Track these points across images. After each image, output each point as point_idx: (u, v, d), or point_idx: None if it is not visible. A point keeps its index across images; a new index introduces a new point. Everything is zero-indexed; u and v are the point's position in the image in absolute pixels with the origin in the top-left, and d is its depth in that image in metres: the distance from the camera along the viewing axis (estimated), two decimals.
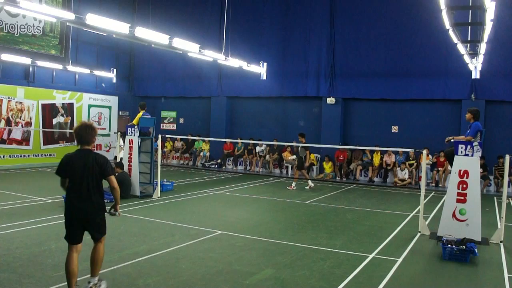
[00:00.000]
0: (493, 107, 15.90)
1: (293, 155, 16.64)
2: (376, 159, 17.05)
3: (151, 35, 11.22)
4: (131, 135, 11.68)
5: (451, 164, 8.24)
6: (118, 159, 12.71)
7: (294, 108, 19.64)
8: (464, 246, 6.85)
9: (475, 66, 13.31)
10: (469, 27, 11.32)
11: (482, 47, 11.51)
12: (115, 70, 21.63)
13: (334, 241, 7.79)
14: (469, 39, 11.64)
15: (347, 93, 18.07)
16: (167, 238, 7.55)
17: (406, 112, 17.51)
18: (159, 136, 12.10)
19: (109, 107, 21.74)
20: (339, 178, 17.38)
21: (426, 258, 7.02)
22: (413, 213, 10.59)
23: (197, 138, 20.21)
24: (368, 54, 17.53)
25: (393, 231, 8.72)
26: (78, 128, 4.93)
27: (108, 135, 21.14)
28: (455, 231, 7.66)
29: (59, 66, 18.33)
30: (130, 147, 11.66)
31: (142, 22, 13.59)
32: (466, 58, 12.81)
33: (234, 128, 20.83)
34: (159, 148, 12.15)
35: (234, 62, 15.55)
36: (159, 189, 11.75)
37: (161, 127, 22.17)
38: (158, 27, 12.33)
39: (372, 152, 17.19)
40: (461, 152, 7.99)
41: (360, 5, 17.72)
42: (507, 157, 8.04)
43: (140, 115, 11.84)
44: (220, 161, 19.88)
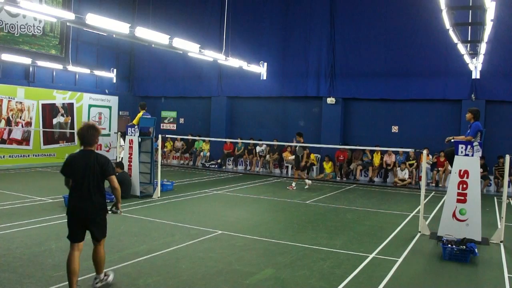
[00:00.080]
0: (493, 107, 15.90)
1: (293, 155, 16.62)
2: (376, 159, 17.05)
3: (151, 35, 11.22)
4: (131, 135, 11.69)
5: (451, 164, 8.24)
6: (119, 159, 12.71)
7: (294, 108, 19.64)
8: (464, 246, 6.85)
9: (475, 66, 13.31)
10: (469, 27, 11.33)
11: (482, 47, 11.51)
12: (115, 70, 21.64)
13: (334, 241, 7.79)
14: (469, 39, 11.64)
15: (347, 93, 18.08)
16: (167, 238, 7.56)
17: (406, 112, 17.51)
18: (159, 136, 12.10)
19: (109, 107, 21.74)
20: (339, 178, 17.38)
21: (426, 258, 7.02)
22: (413, 213, 10.59)
23: (197, 138, 20.21)
24: (368, 54, 17.53)
25: (393, 231, 8.72)
26: (81, 129, 4.99)
27: (108, 135, 21.14)
28: (455, 231, 7.66)
29: (59, 66, 18.33)
30: (130, 147, 11.67)
31: (142, 22, 13.60)
32: (466, 58, 12.81)
33: (234, 128, 20.83)
34: (159, 148, 12.15)
35: (234, 62, 15.55)
36: (159, 189, 11.75)
37: (161, 127, 22.17)
38: (158, 27, 12.33)
39: (372, 152, 17.19)
40: (461, 152, 7.99)
41: (360, 5, 17.72)
42: (507, 157, 8.04)
43: (140, 115, 11.85)
44: (220, 161, 19.88)
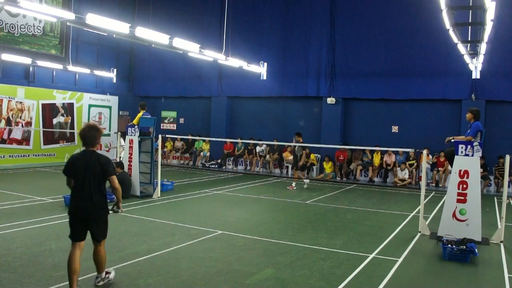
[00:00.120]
0: (493, 107, 15.90)
1: (293, 155, 16.61)
2: (376, 159, 17.05)
3: (151, 35, 11.22)
4: (132, 135, 11.69)
5: (451, 164, 8.24)
6: (119, 159, 12.71)
7: (294, 108, 19.64)
8: (464, 246, 6.85)
9: (475, 66, 13.31)
10: (469, 27, 11.32)
11: (483, 47, 11.51)
12: (115, 70, 21.63)
13: (334, 241, 7.79)
14: (469, 39, 11.63)
15: (347, 93, 18.08)
16: (167, 238, 7.56)
17: (406, 112, 17.51)
18: (159, 136, 12.10)
19: (109, 107, 21.74)
20: (339, 178, 17.38)
21: (426, 258, 7.02)
22: (413, 213, 10.59)
23: (197, 138, 20.21)
24: (368, 54, 17.53)
25: (393, 231, 8.72)
26: (83, 130, 5.04)
27: (108, 135, 21.14)
28: (455, 231, 7.65)
29: (59, 66, 18.33)
30: (131, 147, 11.67)
31: (142, 22, 13.59)
32: (467, 58, 12.81)
33: (234, 128, 20.83)
34: (159, 148, 12.15)
35: (234, 62, 15.55)
36: (159, 189, 11.74)
37: (161, 127, 22.17)
38: (158, 27, 12.32)
39: (372, 152, 17.19)
40: (461, 152, 7.99)
41: (360, 5, 17.72)
42: (507, 157, 8.04)
43: (141, 115, 11.85)
44: (220, 161, 19.88)
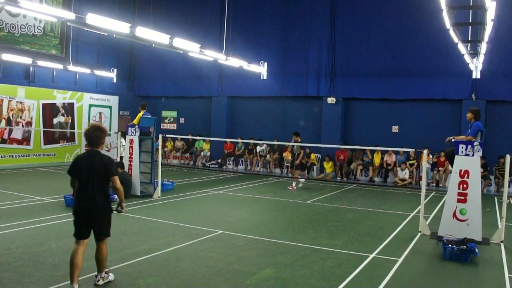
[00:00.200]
0: (494, 107, 15.89)
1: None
2: (377, 159, 17.05)
3: (152, 35, 11.21)
4: (132, 135, 11.69)
5: (452, 164, 8.24)
6: (119, 159, 12.71)
7: (295, 108, 19.64)
8: (465, 246, 6.85)
9: (476, 66, 13.30)
10: (470, 27, 11.32)
11: (483, 47, 11.50)
12: (116, 70, 21.62)
13: (335, 241, 7.79)
14: (470, 39, 11.63)
15: (348, 93, 18.08)
16: (168, 238, 7.56)
17: (407, 112, 17.51)
18: (160, 136, 12.11)
19: (110, 107, 21.75)
20: (340, 178, 17.38)
21: (427, 258, 7.02)
22: (414, 213, 10.58)
23: (198, 138, 20.22)
24: (369, 54, 17.52)
25: (394, 231, 8.71)
26: (87, 130, 5.13)
27: (109, 135, 21.15)
28: (456, 231, 7.65)
29: (60, 66, 18.33)
30: (131, 147, 11.67)
31: (143, 22, 13.59)
32: (467, 58, 12.80)
33: (235, 128, 20.83)
34: (160, 148, 12.16)
35: (235, 62, 15.54)
36: (160, 189, 11.75)
37: (162, 127, 22.18)
38: (159, 27, 12.32)
39: (373, 152, 17.18)
40: (462, 152, 7.98)
41: (361, 5, 17.72)
42: (508, 157, 8.03)
43: (141, 115, 11.85)
44: (221, 161, 19.88)
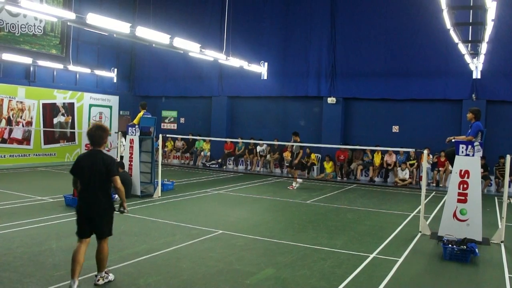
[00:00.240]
0: (494, 107, 15.89)
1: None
2: (377, 159, 17.04)
3: (152, 35, 11.21)
4: (132, 135, 11.69)
5: (452, 164, 8.23)
6: (120, 159, 12.72)
7: (295, 108, 19.64)
8: (465, 246, 6.84)
9: (476, 66, 13.29)
10: (470, 27, 11.31)
11: (483, 47, 11.49)
12: (116, 70, 21.61)
13: (335, 241, 7.79)
14: (470, 39, 11.62)
15: (348, 93, 18.08)
16: (168, 238, 7.56)
17: (407, 112, 17.51)
18: (160, 136, 12.11)
19: (110, 107, 21.75)
20: (340, 178, 17.38)
21: (427, 258, 7.01)
22: (414, 213, 10.58)
23: (198, 138, 20.22)
24: (369, 54, 17.52)
25: (394, 231, 8.71)
26: (90, 130, 5.17)
27: (109, 135, 21.14)
28: (456, 231, 7.65)
29: (60, 66, 18.32)
30: (131, 147, 11.67)
31: (143, 22, 13.58)
32: (467, 58, 12.79)
33: (235, 128, 20.83)
34: (160, 148, 12.16)
35: (235, 62, 15.54)
36: (160, 189, 11.75)
37: (162, 127, 22.18)
38: (159, 27, 12.32)
39: (373, 152, 17.18)
40: (462, 152, 7.98)
41: (361, 5, 17.72)
42: (508, 157, 8.03)
43: (141, 115, 11.85)
44: (221, 161, 19.88)
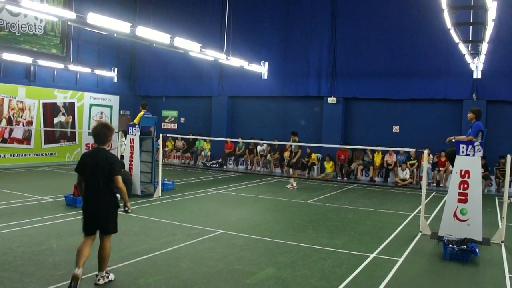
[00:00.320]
0: (495, 107, 15.88)
1: None
2: (377, 159, 17.03)
3: (152, 35, 11.22)
4: (132, 134, 11.70)
5: (452, 164, 8.23)
6: (120, 158, 12.72)
7: (295, 108, 19.63)
8: (465, 246, 6.84)
9: (477, 66, 13.27)
10: (471, 27, 11.30)
11: (484, 47, 11.48)
12: (116, 69, 21.60)
13: (335, 241, 7.79)
14: (471, 39, 11.61)
15: (348, 93, 18.07)
16: (168, 238, 7.56)
17: (407, 112, 17.50)
18: (160, 136, 12.11)
19: (110, 106, 21.75)
20: (340, 178, 17.37)
21: (427, 258, 7.01)
22: (414, 213, 10.59)
23: (198, 138, 20.23)
24: (369, 54, 17.51)
25: (394, 231, 8.71)
26: (94, 128, 5.19)
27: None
28: (456, 231, 7.65)
29: (60, 65, 18.32)
30: (131, 147, 11.68)
31: (143, 22, 13.58)
32: (468, 58, 12.78)
33: (235, 128, 20.83)
34: (160, 148, 12.16)
35: (235, 62, 15.54)
36: (160, 189, 11.76)
37: (162, 127, 22.17)
38: (159, 27, 12.32)
39: (373, 152, 17.17)
40: (463, 152, 7.98)
41: (361, 5, 17.70)
42: (509, 157, 8.03)
43: (141, 115, 11.85)
44: (221, 161, 19.88)
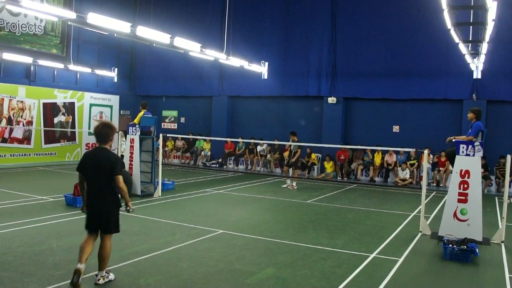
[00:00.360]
0: (495, 107, 15.88)
1: None
2: (377, 159, 17.03)
3: (153, 34, 11.21)
4: (132, 134, 11.70)
5: (452, 164, 8.24)
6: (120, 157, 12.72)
7: (295, 108, 19.63)
8: (465, 246, 6.85)
9: (477, 66, 13.28)
10: (471, 27, 11.30)
11: (484, 47, 11.48)
12: (116, 69, 21.58)
13: (335, 241, 7.79)
14: (471, 39, 11.61)
15: (348, 93, 18.07)
16: (168, 237, 7.56)
17: (407, 112, 17.50)
18: (160, 135, 12.11)
19: (110, 106, 21.75)
20: (340, 178, 17.37)
21: (427, 258, 7.01)
22: (414, 213, 10.59)
23: (198, 137, 20.23)
24: (369, 54, 17.51)
25: (394, 231, 8.71)
26: (96, 127, 5.22)
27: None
28: (456, 231, 7.65)
29: (61, 65, 18.32)
30: (131, 146, 11.68)
31: (144, 21, 13.59)
32: (468, 58, 12.78)
33: (235, 128, 20.83)
34: (160, 147, 12.16)
35: (236, 62, 15.53)
36: (160, 188, 11.76)
37: (162, 126, 22.17)
38: (160, 26, 12.32)
39: (373, 152, 17.17)
40: (463, 152, 7.98)
41: (361, 5, 17.70)
42: (509, 157, 8.03)
43: (142, 114, 11.86)
44: (221, 161, 19.88)
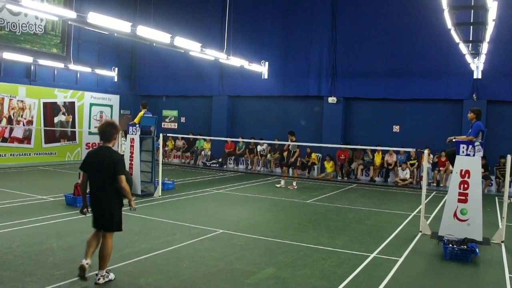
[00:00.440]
0: (495, 107, 15.87)
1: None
2: (378, 159, 17.04)
3: (153, 34, 11.21)
4: (133, 134, 11.70)
5: (453, 164, 8.24)
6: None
7: (296, 107, 19.63)
8: (465, 246, 6.85)
9: (477, 66, 13.27)
10: (471, 27, 11.30)
11: (484, 47, 11.48)
12: (117, 69, 21.58)
13: (335, 241, 7.79)
14: (471, 39, 11.60)
15: (349, 93, 18.07)
16: (168, 237, 7.56)
17: (408, 112, 17.50)
18: (161, 135, 12.11)
19: (111, 106, 21.75)
20: (341, 178, 17.37)
21: (427, 258, 7.02)
22: (414, 213, 10.59)
23: (199, 137, 20.23)
24: (370, 54, 17.51)
25: (394, 231, 8.72)
26: (100, 126, 5.30)
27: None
28: (456, 231, 7.65)
29: (61, 65, 18.32)
30: (132, 146, 11.68)
31: (144, 21, 13.58)
32: (468, 58, 12.78)
33: (236, 127, 20.83)
34: (160, 147, 12.16)
35: (236, 61, 15.53)
36: (160, 188, 11.76)
37: (163, 126, 22.17)
38: (160, 26, 12.32)
39: (374, 152, 17.17)
40: (463, 152, 7.98)
41: (362, 5, 17.70)
42: (509, 157, 8.04)
43: (142, 114, 11.86)
44: (221, 160, 19.88)
